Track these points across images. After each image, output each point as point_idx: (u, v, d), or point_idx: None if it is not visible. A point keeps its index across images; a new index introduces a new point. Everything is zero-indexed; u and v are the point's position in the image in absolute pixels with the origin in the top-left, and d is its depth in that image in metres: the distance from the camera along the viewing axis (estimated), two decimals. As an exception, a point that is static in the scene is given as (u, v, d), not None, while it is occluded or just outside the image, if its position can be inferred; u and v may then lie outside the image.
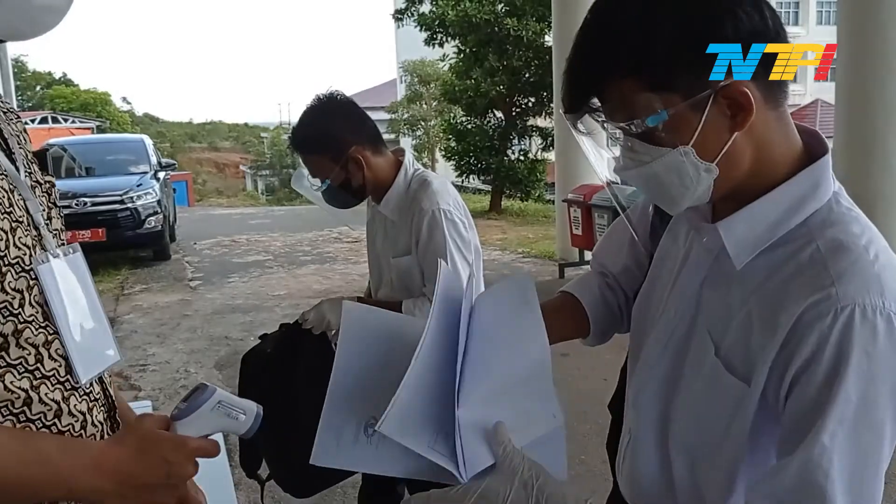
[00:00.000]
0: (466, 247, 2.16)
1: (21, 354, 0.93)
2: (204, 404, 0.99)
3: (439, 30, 15.10)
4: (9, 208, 0.93)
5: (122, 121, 33.95)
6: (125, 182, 10.27)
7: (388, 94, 39.44)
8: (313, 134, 2.16)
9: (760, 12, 0.88)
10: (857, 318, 0.84)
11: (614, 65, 0.89)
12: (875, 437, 0.85)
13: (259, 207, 25.13)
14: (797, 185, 0.94)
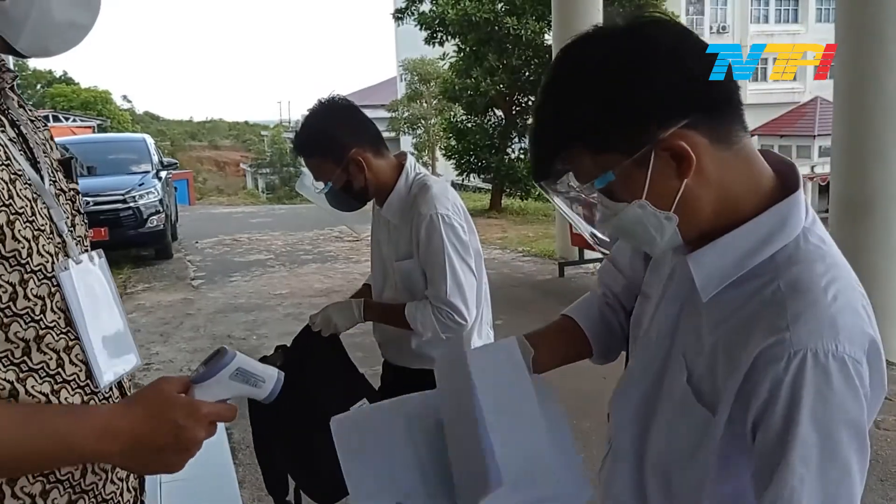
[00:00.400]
0: (465, 250, 2.20)
1: (42, 359, 0.95)
2: (223, 370, 1.00)
3: (439, 29, 15.11)
4: (31, 217, 0.95)
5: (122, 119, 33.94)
6: (127, 181, 10.31)
7: (388, 93, 39.41)
8: (315, 137, 2.19)
9: (681, 69, 0.92)
10: (810, 363, 0.86)
11: (561, 137, 0.97)
12: (843, 475, 0.87)
13: (260, 206, 25.17)
14: (765, 220, 0.96)
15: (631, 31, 0.95)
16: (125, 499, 1.08)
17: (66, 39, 1.03)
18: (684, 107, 0.91)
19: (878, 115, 5.27)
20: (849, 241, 5.53)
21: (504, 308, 7.24)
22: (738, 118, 0.96)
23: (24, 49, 0.99)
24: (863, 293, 0.96)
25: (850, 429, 0.87)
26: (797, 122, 32.26)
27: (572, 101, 0.95)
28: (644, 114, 0.92)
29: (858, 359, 0.88)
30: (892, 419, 4.23)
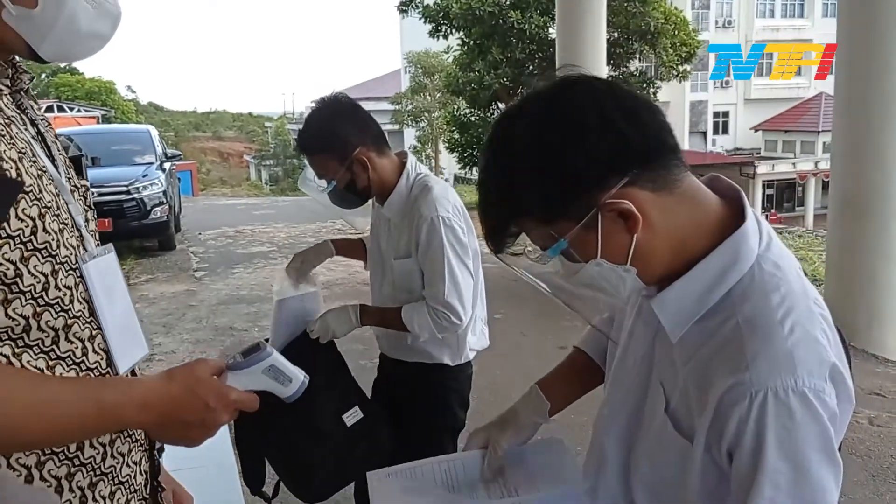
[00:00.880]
0: (465, 252, 2.23)
1: (69, 348, 1.00)
2: (257, 363, 1.07)
3: (443, 22, 15.14)
4: (57, 211, 1.00)
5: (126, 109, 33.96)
6: (131, 172, 10.34)
7: (392, 85, 39.37)
8: (319, 135, 2.21)
9: (611, 130, 0.93)
10: (771, 402, 0.89)
11: (507, 213, 1.01)
12: (817, 493, 0.89)
13: (263, 198, 25.23)
14: (717, 258, 0.98)
15: (556, 98, 0.97)
16: (138, 481, 1.14)
17: (88, 49, 1.08)
18: (620, 167, 0.94)
19: (878, 115, 5.29)
20: (847, 241, 5.57)
21: (503, 302, 7.27)
22: (675, 161, 0.98)
23: (46, 55, 1.03)
24: (822, 314, 0.98)
25: (818, 451, 0.89)
26: (801, 117, 32.22)
27: (512, 179, 0.98)
28: (582, 182, 0.94)
29: (819, 388, 0.90)
30: (886, 416, 4.26)
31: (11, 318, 0.93)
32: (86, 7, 1.03)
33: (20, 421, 0.88)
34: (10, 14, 0.97)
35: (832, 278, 5.82)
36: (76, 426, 0.95)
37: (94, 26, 1.05)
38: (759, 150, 35.00)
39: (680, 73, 16.51)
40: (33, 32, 1.00)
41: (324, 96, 2.31)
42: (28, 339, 0.95)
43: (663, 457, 1.04)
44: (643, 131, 0.95)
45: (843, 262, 5.62)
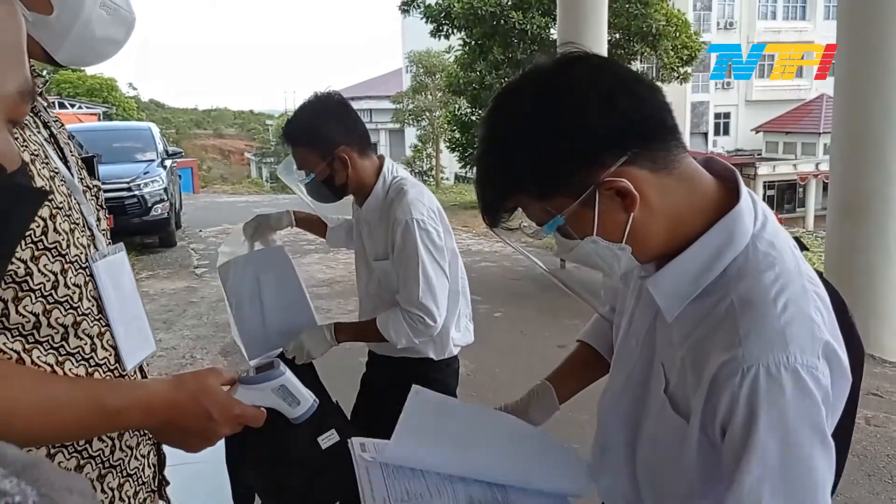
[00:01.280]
0: (440, 254, 2.25)
1: (79, 344, 1.03)
2: (268, 382, 1.07)
3: (445, 22, 15.17)
4: (68, 211, 1.02)
5: (128, 106, 33.90)
6: (132, 169, 10.38)
7: (393, 84, 39.39)
8: (306, 128, 2.26)
9: (611, 108, 0.93)
10: (762, 378, 0.89)
11: (504, 188, 1.01)
12: (806, 471, 0.90)
13: (264, 195, 25.22)
14: (713, 237, 0.99)
15: (557, 75, 0.97)
16: (146, 474, 1.16)
17: (102, 54, 1.11)
18: (620, 145, 0.94)
19: (878, 116, 5.30)
20: (846, 241, 5.59)
21: (504, 301, 7.31)
22: (674, 141, 0.98)
23: (62, 59, 1.06)
24: (818, 293, 0.98)
25: (809, 429, 0.90)
26: (802, 119, 32.23)
27: (510, 153, 0.98)
28: (581, 158, 0.95)
29: (812, 364, 0.90)
30: (883, 416, 4.29)
31: (22, 315, 0.95)
32: (101, 13, 1.05)
33: (26, 420, 0.90)
34: (27, 20, 1.00)
35: (830, 279, 5.67)
36: (81, 427, 0.97)
37: (108, 32, 1.08)
38: (760, 152, 35.01)
39: (681, 75, 16.53)
40: (49, 38, 1.03)
41: (317, 91, 2.34)
42: (38, 336, 0.98)
43: (664, 438, 1.05)
44: (643, 110, 0.96)
45: (841, 262, 5.64)
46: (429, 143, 29.22)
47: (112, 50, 1.12)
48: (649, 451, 1.10)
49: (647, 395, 1.10)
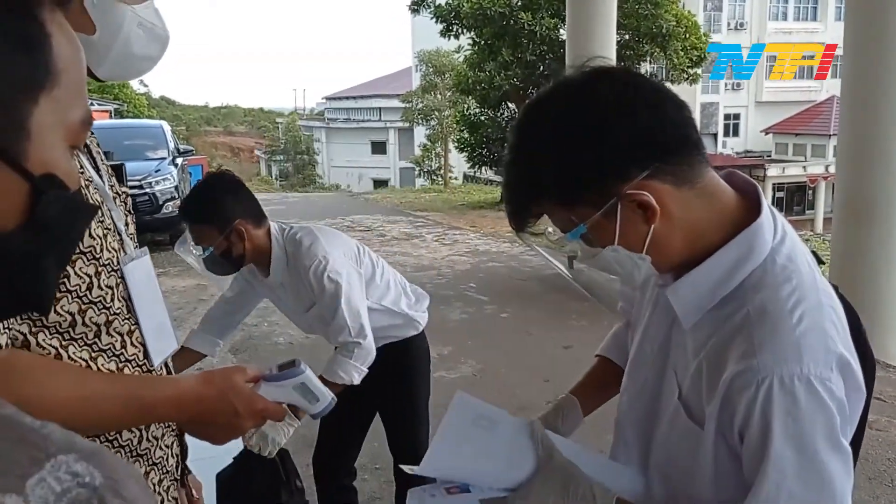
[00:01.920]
0: (351, 279, 2.42)
1: (110, 341, 1.10)
2: (290, 379, 1.16)
3: (454, 21, 15.20)
4: (101, 218, 1.09)
5: (138, 104, 34.04)
6: (144, 167, 10.44)
7: (403, 83, 39.42)
8: (203, 206, 2.39)
9: (636, 123, 0.97)
10: (776, 389, 0.92)
11: (530, 196, 1.05)
12: (822, 479, 0.93)
13: (273, 193, 25.32)
14: (732, 250, 1.01)
15: (585, 88, 1.00)
16: (170, 463, 1.23)
17: (139, 69, 1.19)
18: (643, 159, 0.97)
19: (885, 119, 5.29)
20: (851, 244, 5.60)
21: (510, 301, 7.36)
22: (697, 156, 1.01)
23: (102, 76, 1.13)
24: (833, 307, 0.99)
25: (824, 439, 0.92)
26: (813, 120, 32.10)
27: (537, 162, 1.01)
28: (605, 170, 0.97)
29: (825, 376, 0.92)
30: (885, 420, 4.32)
31: (59, 315, 1.02)
32: (138, 32, 1.12)
33: (69, 412, 0.97)
34: None
35: (835, 281, 5.79)
36: (116, 419, 1.05)
37: (145, 50, 1.15)
38: (769, 153, 34.89)
39: (690, 76, 16.52)
40: (92, 56, 1.08)
41: (211, 171, 2.57)
42: (73, 333, 1.05)
43: (677, 444, 1.08)
44: (668, 126, 0.98)
45: (846, 266, 5.65)
46: (438, 143, 29.25)
47: (148, 66, 1.19)
48: (663, 456, 1.13)
49: (661, 401, 1.13)
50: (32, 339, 1.01)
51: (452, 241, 11.20)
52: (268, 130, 53.05)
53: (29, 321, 1.00)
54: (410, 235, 11.73)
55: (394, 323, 2.67)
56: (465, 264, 9.31)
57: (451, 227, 12.79)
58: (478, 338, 6.15)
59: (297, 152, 46.07)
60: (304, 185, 39.33)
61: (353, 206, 16.30)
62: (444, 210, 15.55)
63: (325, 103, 53.57)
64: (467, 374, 5.30)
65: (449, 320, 6.68)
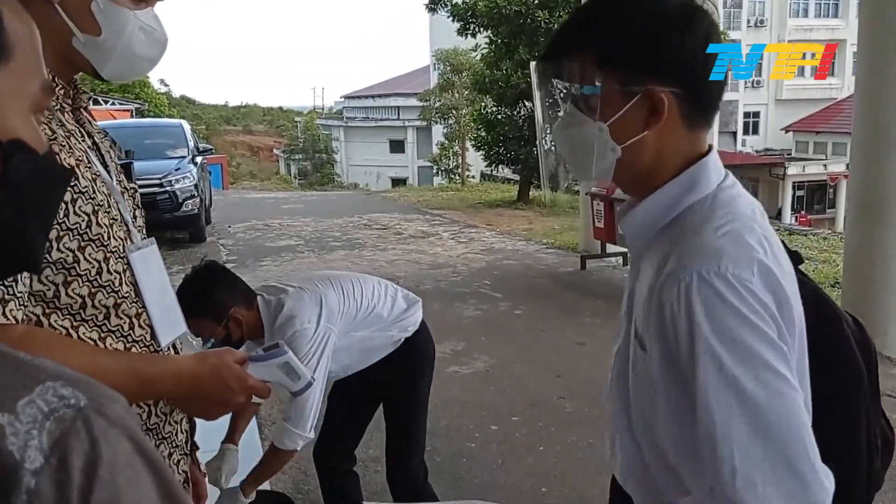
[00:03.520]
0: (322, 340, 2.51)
1: (119, 322, 1.19)
2: (275, 359, 1.30)
3: (471, 20, 15.22)
4: (108, 209, 1.19)
5: (159, 103, 34.38)
6: (164, 166, 10.60)
7: (421, 81, 39.50)
8: (198, 300, 2.43)
9: (704, 54, 1.07)
10: (695, 282, 0.97)
11: (586, 39, 1.10)
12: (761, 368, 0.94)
13: (292, 192, 25.50)
14: (678, 183, 1.10)
15: (695, 7, 1.09)
16: (180, 438, 1.33)
17: (140, 70, 1.28)
18: (684, 80, 1.07)
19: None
20: (864, 243, 5.60)
21: (524, 298, 7.41)
22: (709, 115, 1.13)
23: (107, 75, 1.22)
24: (766, 238, 1.04)
25: (751, 330, 0.95)
26: (833, 118, 31.77)
27: (613, 20, 1.09)
28: (657, 64, 1.06)
29: (746, 277, 0.97)
30: (894, 418, 4.32)
31: (70, 297, 1.12)
32: (140, 35, 1.21)
33: None
34: (79, 41, 1.16)
35: (849, 281, 5.85)
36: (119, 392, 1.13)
37: (146, 51, 1.24)
38: (789, 151, 34.62)
39: (708, 74, 16.44)
40: (97, 56, 1.19)
41: (196, 265, 2.62)
42: (84, 315, 1.14)
43: (642, 387, 1.11)
44: (719, 83, 1.10)
45: (860, 264, 5.64)
46: (455, 141, 29.30)
47: (148, 67, 1.28)
48: (638, 408, 1.15)
49: (629, 356, 1.16)
50: (45, 320, 1.10)
51: (468, 238, 11.26)
52: (286, 129, 53.26)
53: (43, 303, 1.09)
54: (427, 233, 11.81)
55: (382, 343, 2.77)
56: (480, 262, 9.36)
57: (467, 224, 12.85)
58: (491, 334, 6.21)
59: (315, 151, 46.26)
60: (323, 183, 39.50)
61: (370, 205, 16.40)
62: (460, 208, 15.61)
63: (344, 102, 53.71)
64: (480, 369, 5.37)
65: (463, 317, 6.75)
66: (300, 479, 3.66)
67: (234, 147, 51.04)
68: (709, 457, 0.97)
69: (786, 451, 0.94)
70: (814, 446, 0.96)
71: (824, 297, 1.38)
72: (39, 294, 1.09)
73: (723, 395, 0.95)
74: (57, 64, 1.16)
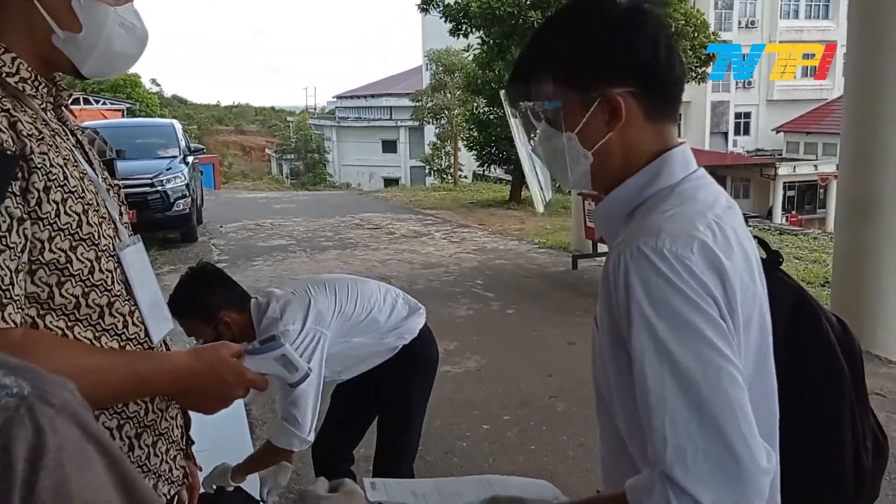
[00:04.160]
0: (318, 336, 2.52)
1: (113, 321, 1.18)
2: (271, 351, 1.29)
3: (464, 21, 15.24)
4: (97, 207, 1.18)
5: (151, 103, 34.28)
6: (155, 165, 10.60)
7: (413, 81, 39.49)
8: (189, 302, 2.50)
9: (652, 50, 1.11)
10: (633, 255, 0.99)
11: (538, 64, 1.17)
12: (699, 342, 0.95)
13: (283, 192, 25.47)
14: (644, 173, 1.13)
15: (632, 7, 1.13)
16: (175, 434, 1.32)
17: (120, 67, 1.26)
18: (637, 78, 1.10)
19: (887, 117, 5.30)
20: (854, 243, 5.62)
21: (516, 298, 7.42)
22: (672, 107, 1.16)
23: (86, 72, 1.21)
24: (719, 225, 1.04)
25: (691, 306, 0.96)
26: (824, 119, 31.88)
27: (564, 37, 1.15)
28: (607, 69, 1.10)
29: (682, 253, 0.98)
30: (884, 416, 4.35)
31: (64, 298, 1.11)
32: (119, 31, 1.20)
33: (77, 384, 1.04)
34: (59, 38, 1.16)
35: (838, 280, 5.88)
36: (118, 391, 1.15)
37: (126, 48, 1.23)
38: (780, 152, 34.72)
39: (699, 76, 16.52)
40: (77, 53, 1.18)
41: (192, 266, 2.66)
42: (78, 315, 1.13)
43: (600, 374, 1.14)
44: (668, 69, 1.12)
45: (849, 264, 5.67)
46: (447, 142, 29.31)
47: (128, 64, 1.27)
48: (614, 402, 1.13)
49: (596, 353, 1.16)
50: (40, 322, 1.09)
51: (461, 238, 11.27)
52: (279, 129, 53.15)
53: (37, 304, 1.09)
54: (419, 233, 11.81)
55: (377, 350, 2.77)
56: (472, 262, 9.38)
57: (459, 224, 12.87)
58: (483, 334, 6.22)
59: (307, 151, 46.20)
60: (315, 183, 39.45)
61: (363, 205, 16.39)
62: (453, 208, 15.62)
63: (336, 102, 53.68)
64: (472, 368, 5.38)
65: (455, 316, 6.76)
66: (292, 478, 3.66)
67: (226, 147, 50.92)
68: (647, 430, 0.98)
69: (718, 423, 0.94)
70: (750, 422, 0.95)
71: (805, 297, 1.38)
72: (34, 296, 1.08)
73: (657, 365, 0.96)
74: (37, 62, 1.16)
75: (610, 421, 1.17)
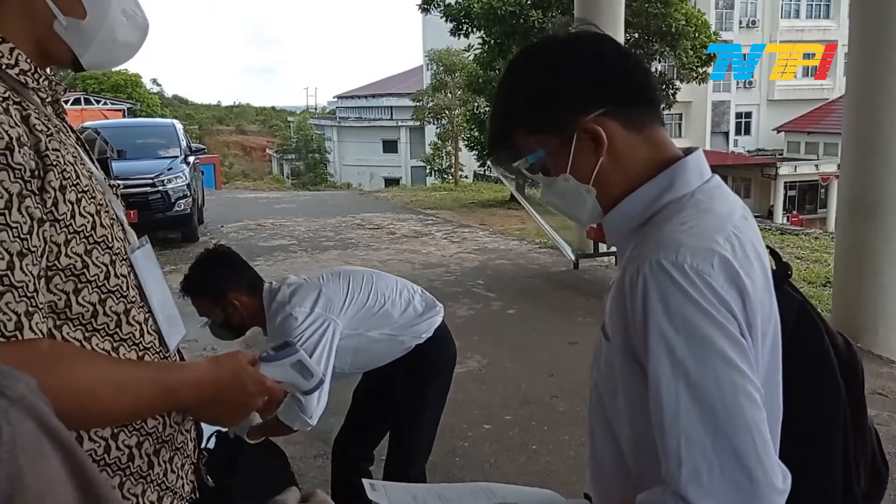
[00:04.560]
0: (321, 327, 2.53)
1: (130, 330, 1.12)
2: (287, 358, 1.25)
3: (464, 20, 15.24)
4: (107, 208, 1.11)
5: (152, 103, 34.30)
6: (156, 166, 10.59)
7: (414, 81, 39.46)
8: (200, 281, 2.59)
9: (602, 69, 1.11)
10: (652, 269, 0.97)
11: (506, 120, 1.18)
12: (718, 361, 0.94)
13: (284, 192, 25.43)
14: (656, 182, 1.11)
15: (567, 39, 1.15)
16: (190, 447, 1.27)
17: (120, 57, 1.21)
18: (602, 98, 1.10)
19: (889, 117, 5.30)
20: (855, 242, 5.63)
21: (517, 298, 7.42)
22: (651, 111, 1.14)
23: (87, 62, 1.16)
24: (738, 238, 1.03)
25: (712, 323, 0.94)
26: (825, 119, 31.86)
27: (517, 92, 1.16)
28: (569, 103, 1.11)
29: (702, 269, 0.96)
30: (886, 415, 4.35)
31: (81, 306, 1.04)
32: (122, 19, 1.15)
33: (108, 402, 1.01)
34: (61, 25, 1.10)
35: (840, 279, 5.88)
36: (144, 405, 1.08)
37: (127, 37, 1.18)
38: (781, 152, 34.71)
39: (700, 76, 16.51)
40: (79, 41, 1.12)
41: (207, 247, 2.74)
42: (96, 324, 1.06)
43: (606, 386, 1.12)
44: (628, 77, 1.13)
45: (850, 263, 5.67)
46: (448, 141, 29.31)
47: (129, 54, 1.22)
48: (617, 415, 1.12)
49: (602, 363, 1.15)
50: (57, 333, 1.02)
51: (461, 238, 11.26)
52: (279, 129, 53.12)
53: (54, 314, 1.01)
54: (420, 233, 11.80)
55: (392, 348, 2.76)
56: (473, 261, 9.37)
57: (460, 224, 12.85)
58: (484, 333, 6.22)
59: (308, 151, 46.16)
60: (316, 183, 39.42)
61: (363, 205, 16.37)
62: (453, 208, 15.60)
63: (337, 102, 53.65)
64: (473, 368, 5.37)
65: (456, 316, 6.75)
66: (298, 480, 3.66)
67: (227, 147, 50.84)
68: (661, 449, 0.97)
69: (734, 443, 0.93)
70: (767, 442, 0.95)
71: (810, 313, 1.31)
72: (51, 304, 1.01)
73: (672, 382, 0.94)
74: (34, 53, 1.09)
75: (606, 430, 1.16)
